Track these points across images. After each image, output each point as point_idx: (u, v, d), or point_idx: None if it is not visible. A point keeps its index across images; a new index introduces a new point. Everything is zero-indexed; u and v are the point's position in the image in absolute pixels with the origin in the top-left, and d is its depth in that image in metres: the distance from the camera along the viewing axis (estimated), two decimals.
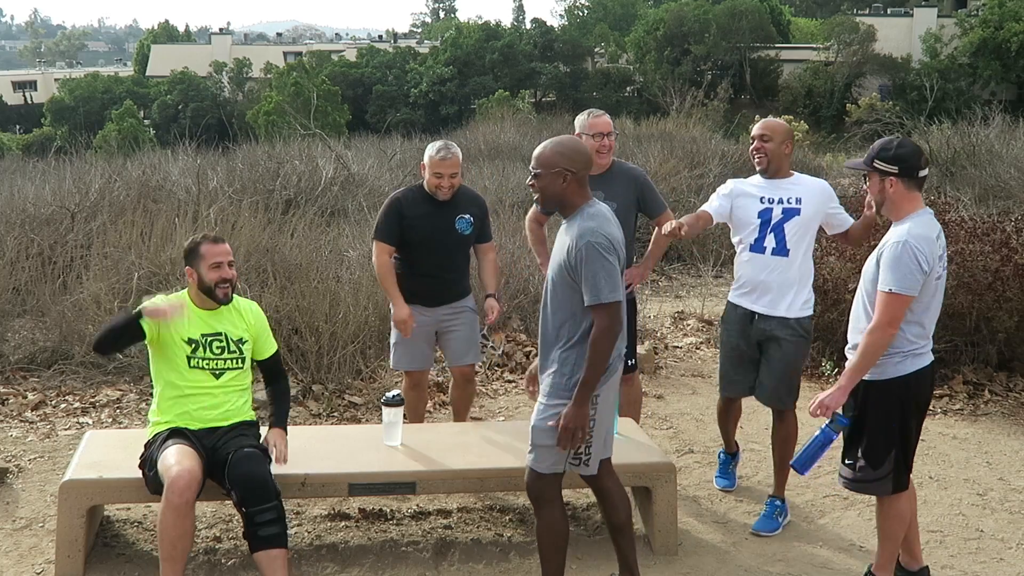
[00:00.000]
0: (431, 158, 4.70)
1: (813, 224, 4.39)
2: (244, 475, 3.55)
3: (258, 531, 3.51)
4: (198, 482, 3.53)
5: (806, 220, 4.33)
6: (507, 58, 48.23)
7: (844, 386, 3.56)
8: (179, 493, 3.45)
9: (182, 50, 62.78)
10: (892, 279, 3.45)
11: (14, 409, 5.73)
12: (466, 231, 4.80)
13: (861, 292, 3.69)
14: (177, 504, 3.45)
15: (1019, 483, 5.04)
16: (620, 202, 4.70)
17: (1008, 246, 6.41)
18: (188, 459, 3.57)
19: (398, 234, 4.73)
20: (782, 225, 4.34)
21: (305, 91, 36.69)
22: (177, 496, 3.45)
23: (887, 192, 3.57)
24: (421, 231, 4.72)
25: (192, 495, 3.48)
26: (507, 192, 11.63)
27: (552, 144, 3.46)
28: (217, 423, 3.81)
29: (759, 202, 4.40)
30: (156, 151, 16.07)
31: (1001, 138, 15.57)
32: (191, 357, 3.79)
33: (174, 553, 3.48)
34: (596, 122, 4.70)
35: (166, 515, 3.46)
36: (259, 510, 3.52)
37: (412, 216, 4.72)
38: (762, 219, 4.37)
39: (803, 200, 4.34)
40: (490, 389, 6.44)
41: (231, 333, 3.87)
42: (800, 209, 4.33)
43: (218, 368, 3.83)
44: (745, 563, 4.14)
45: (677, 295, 9.34)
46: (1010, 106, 26.15)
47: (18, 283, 7.35)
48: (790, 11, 58.55)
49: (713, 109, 27.20)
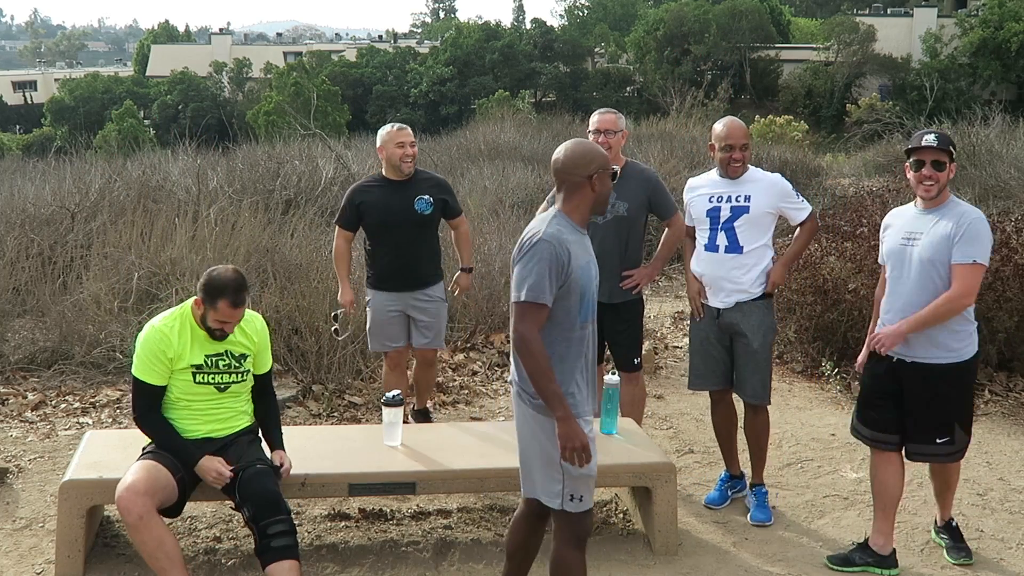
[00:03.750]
0: (388, 132, 5.03)
1: (765, 220, 4.44)
2: (257, 491, 3.59)
3: (271, 542, 3.50)
4: (144, 494, 3.49)
5: (756, 217, 4.39)
6: (507, 58, 48.28)
7: (903, 331, 3.82)
8: (126, 512, 3.49)
9: (182, 50, 62.83)
10: (976, 251, 3.72)
11: (14, 409, 5.73)
12: (426, 211, 5.02)
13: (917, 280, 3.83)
14: (131, 523, 3.49)
15: (1019, 483, 5.04)
16: (631, 203, 4.73)
17: (1008, 246, 6.41)
18: (139, 472, 3.56)
19: (355, 219, 5.07)
20: (731, 223, 4.40)
21: (305, 91, 36.71)
22: (126, 515, 3.50)
23: (949, 176, 3.83)
24: (379, 214, 5.01)
25: (142, 509, 3.46)
26: (507, 192, 11.63)
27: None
28: (219, 430, 3.80)
29: (708, 200, 4.48)
30: (156, 151, 16.06)
31: (1001, 138, 15.55)
32: (196, 374, 3.75)
33: (163, 563, 3.48)
34: (600, 119, 4.79)
35: (131, 536, 3.59)
36: (272, 522, 3.53)
37: (370, 201, 5.05)
38: (711, 216, 4.45)
39: (752, 197, 4.39)
40: (490, 389, 6.44)
41: (234, 350, 3.82)
42: (748, 207, 4.38)
43: (223, 383, 3.80)
44: (745, 563, 4.14)
45: (677, 295, 9.34)
46: (1010, 106, 26.12)
47: (18, 283, 7.35)
48: (790, 11, 58.59)
49: (713, 109, 27.16)
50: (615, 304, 4.83)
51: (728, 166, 4.42)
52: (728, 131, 4.40)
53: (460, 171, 14.22)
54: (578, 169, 3.18)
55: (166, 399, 3.76)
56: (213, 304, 3.64)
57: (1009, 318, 6.29)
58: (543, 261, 3.03)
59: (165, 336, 3.69)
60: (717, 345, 4.55)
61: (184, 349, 3.70)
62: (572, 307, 3.12)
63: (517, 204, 10.55)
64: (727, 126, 4.43)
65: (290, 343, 6.22)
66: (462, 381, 6.39)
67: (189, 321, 3.74)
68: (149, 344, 3.68)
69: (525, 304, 3.04)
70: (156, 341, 3.67)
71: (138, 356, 3.69)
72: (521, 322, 3.05)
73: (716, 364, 4.58)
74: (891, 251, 3.96)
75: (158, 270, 7.11)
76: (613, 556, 4.16)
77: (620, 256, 4.78)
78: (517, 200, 10.94)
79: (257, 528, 3.53)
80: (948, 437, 3.94)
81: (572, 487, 3.15)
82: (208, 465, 3.65)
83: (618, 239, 4.77)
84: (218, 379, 3.78)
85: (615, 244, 4.77)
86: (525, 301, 3.04)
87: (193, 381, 3.74)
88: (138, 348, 3.70)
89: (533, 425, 3.19)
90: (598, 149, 3.26)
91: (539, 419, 3.16)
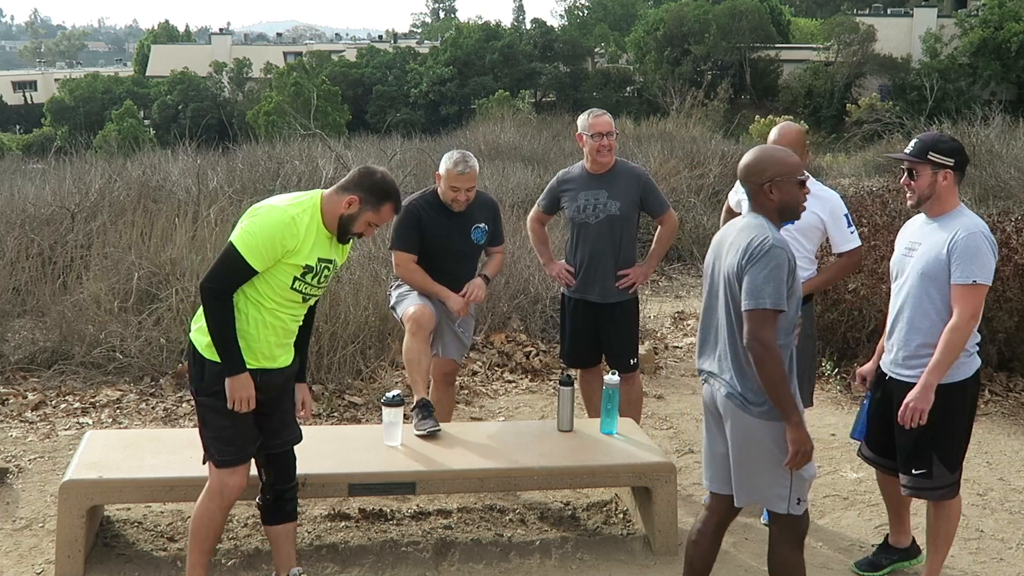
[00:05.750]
0: (448, 171, 4.58)
1: (811, 233, 4.28)
2: (283, 464, 3.63)
3: (284, 506, 3.64)
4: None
5: (802, 229, 4.21)
6: (507, 58, 48.28)
7: (930, 383, 3.51)
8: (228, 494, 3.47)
9: (182, 50, 62.83)
10: (975, 270, 3.45)
11: (14, 409, 5.72)
12: (481, 240, 4.79)
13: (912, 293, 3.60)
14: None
15: (1019, 483, 5.04)
16: (623, 201, 4.74)
17: (1008, 246, 6.41)
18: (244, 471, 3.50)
19: (418, 243, 4.67)
20: None
21: (305, 91, 36.68)
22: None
23: (939, 185, 3.57)
24: (439, 241, 4.68)
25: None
26: (507, 192, 11.63)
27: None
28: (281, 362, 3.48)
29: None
30: (156, 151, 16.04)
31: (1001, 138, 15.57)
32: (300, 278, 3.36)
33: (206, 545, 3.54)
34: (596, 122, 4.73)
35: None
36: (288, 488, 3.64)
37: (430, 227, 4.66)
38: None
39: None
40: (490, 389, 6.44)
41: (338, 261, 3.50)
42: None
43: (310, 294, 3.45)
44: (745, 563, 4.14)
45: (677, 295, 9.34)
46: (1010, 106, 26.17)
47: (18, 283, 7.35)
48: (790, 11, 58.58)
49: (713, 109, 27.20)
50: (610, 304, 4.84)
51: None
52: (780, 135, 4.22)
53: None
54: (752, 176, 3.20)
55: (246, 309, 3.34)
56: (377, 206, 3.36)
57: (1009, 318, 6.29)
58: (779, 268, 3.04)
59: (293, 222, 3.29)
60: None
61: (306, 244, 3.32)
62: (791, 312, 3.14)
63: (517, 204, 10.54)
64: (779, 131, 4.26)
65: None
66: (462, 381, 6.39)
67: (318, 215, 3.37)
68: (272, 225, 3.27)
69: (768, 312, 3.04)
70: (283, 225, 3.27)
71: (250, 232, 3.27)
72: (763, 329, 3.04)
73: None
74: (894, 261, 3.80)
75: (158, 270, 7.11)
76: (613, 556, 4.16)
77: (614, 256, 4.78)
78: (517, 200, 10.94)
79: (274, 492, 3.62)
80: (924, 469, 3.60)
81: (799, 490, 3.20)
82: (246, 391, 3.32)
83: (611, 239, 4.77)
84: (310, 289, 3.42)
85: (608, 244, 4.77)
86: (769, 309, 3.04)
87: (291, 285, 3.36)
88: (253, 224, 3.29)
89: (759, 433, 3.17)
90: (776, 157, 3.20)
91: (766, 426, 3.16)
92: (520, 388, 6.47)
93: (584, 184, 4.82)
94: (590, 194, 4.78)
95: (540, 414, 5.97)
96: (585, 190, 4.80)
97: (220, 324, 3.29)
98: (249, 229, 3.28)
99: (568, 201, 4.86)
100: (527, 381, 6.58)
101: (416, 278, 4.69)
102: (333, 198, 3.39)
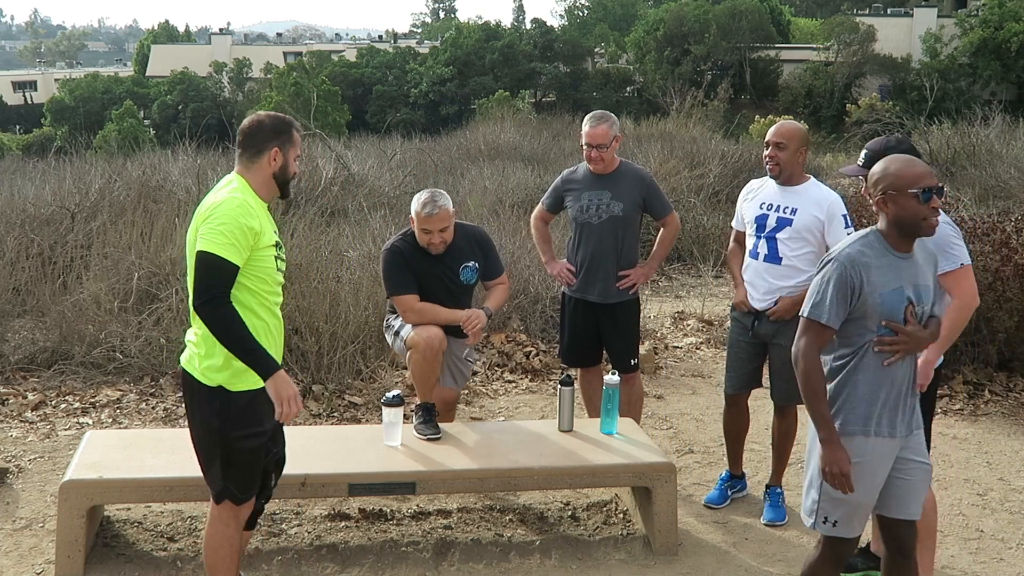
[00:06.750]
0: (417, 213, 4.36)
1: (809, 236, 4.28)
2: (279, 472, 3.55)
3: (256, 517, 3.54)
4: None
5: (798, 231, 4.26)
6: (507, 58, 48.26)
7: (932, 360, 3.58)
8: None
9: (182, 50, 62.80)
10: (963, 253, 3.58)
11: (14, 409, 5.73)
12: (471, 280, 4.62)
13: None
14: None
15: (1019, 483, 5.04)
16: (626, 202, 4.75)
17: (1008, 246, 6.41)
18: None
19: (415, 280, 4.45)
20: (774, 234, 4.31)
21: (305, 91, 36.66)
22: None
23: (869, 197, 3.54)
24: (426, 286, 4.47)
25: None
26: (507, 192, 11.64)
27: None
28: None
29: (758, 207, 4.40)
30: (156, 151, 16.06)
31: (1001, 138, 15.57)
32: (277, 257, 3.25)
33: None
34: (590, 133, 4.75)
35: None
36: (265, 500, 3.57)
37: (418, 272, 4.46)
38: (758, 223, 4.37)
39: (798, 211, 4.28)
40: (490, 389, 6.44)
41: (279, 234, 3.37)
42: (792, 220, 4.28)
43: (283, 272, 3.34)
44: (745, 563, 4.14)
45: (677, 295, 9.33)
46: (1010, 106, 26.17)
47: (18, 283, 7.35)
48: (790, 11, 58.56)
49: (713, 109, 27.16)
50: (611, 304, 4.84)
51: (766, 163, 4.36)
52: (776, 128, 4.35)
53: (460, 171, 14.23)
54: (870, 187, 3.15)
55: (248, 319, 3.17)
56: (291, 138, 3.30)
57: (1009, 318, 6.29)
58: (830, 282, 3.03)
59: (247, 204, 3.17)
60: (749, 350, 4.50)
61: (263, 221, 3.20)
62: (870, 331, 3.06)
63: (517, 204, 10.55)
64: (777, 125, 4.39)
65: (290, 343, 6.21)
66: None
67: (251, 192, 3.26)
68: (233, 215, 3.10)
69: (806, 320, 3.07)
70: (242, 211, 3.12)
71: (217, 231, 3.08)
72: (800, 338, 3.07)
73: (745, 368, 4.54)
74: None
75: (158, 270, 7.11)
76: (613, 556, 4.16)
77: (616, 256, 4.79)
78: (517, 200, 10.94)
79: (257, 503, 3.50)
80: None
81: (827, 509, 3.13)
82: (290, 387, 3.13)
83: (614, 240, 4.78)
84: (284, 265, 3.32)
85: (610, 245, 4.78)
86: (807, 317, 3.08)
87: (276, 268, 3.24)
88: (214, 223, 3.11)
89: (813, 437, 3.17)
90: (891, 169, 3.07)
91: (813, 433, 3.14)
92: (520, 388, 6.47)
93: (588, 184, 4.83)
94: (593, 194, 4.79)
95: (540, 414, 5.97)
96: (589, 190, 4.81)
97: (234, 331, 3.09)
98: (214, 229, 3.09)
99: (572, 201, 4.87)
100: (527, 381, 6.58)
101: (427, 316, 4.41)
102: (254, 168, 3.26)
